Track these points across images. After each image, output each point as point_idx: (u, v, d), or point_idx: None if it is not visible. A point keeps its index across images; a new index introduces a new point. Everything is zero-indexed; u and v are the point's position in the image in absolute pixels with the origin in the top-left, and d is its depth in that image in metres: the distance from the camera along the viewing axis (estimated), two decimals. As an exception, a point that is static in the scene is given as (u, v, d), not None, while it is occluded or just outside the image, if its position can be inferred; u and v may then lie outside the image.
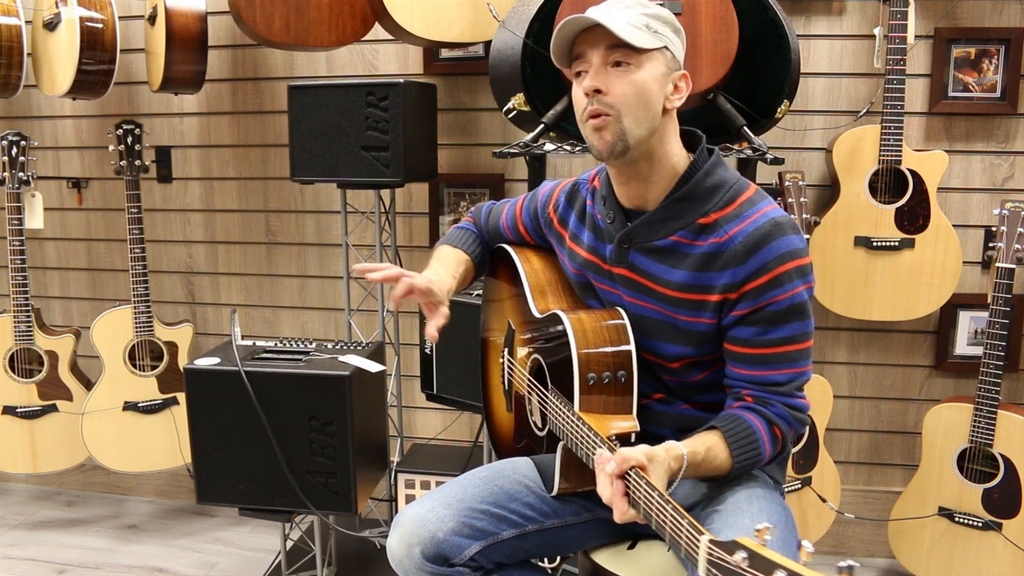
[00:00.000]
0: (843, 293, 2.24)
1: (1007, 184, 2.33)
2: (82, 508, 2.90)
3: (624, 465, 1.10)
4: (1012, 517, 2.09)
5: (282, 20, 2.22)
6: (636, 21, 1.26)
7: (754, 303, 1.27)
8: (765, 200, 1.31)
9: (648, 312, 1.36)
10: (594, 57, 1.28)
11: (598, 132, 1.28)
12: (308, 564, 2.29)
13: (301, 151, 2.24)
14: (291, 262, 2.78)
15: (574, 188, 1.51)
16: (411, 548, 1.35)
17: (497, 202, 1.70)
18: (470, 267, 1.65)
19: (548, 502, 1.43)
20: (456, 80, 2.56)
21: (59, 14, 2.32)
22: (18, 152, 2.50)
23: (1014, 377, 2.37)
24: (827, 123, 2.37)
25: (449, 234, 1.71)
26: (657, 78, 1.28)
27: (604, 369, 1.32)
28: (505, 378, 1.66)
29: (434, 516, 1.37)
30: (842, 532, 2.51)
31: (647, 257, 1.36)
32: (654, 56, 1.28)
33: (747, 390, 1.30)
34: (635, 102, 1.27)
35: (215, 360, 2.05)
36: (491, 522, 1.39)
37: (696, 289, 1.31)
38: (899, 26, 2.10)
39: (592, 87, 1.27)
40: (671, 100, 1.31)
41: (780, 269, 1.25)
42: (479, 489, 1.42)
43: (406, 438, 2.71)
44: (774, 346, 1.28)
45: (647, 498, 1.06)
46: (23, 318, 2.56)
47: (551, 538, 1.43)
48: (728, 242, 1.28)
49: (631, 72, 1.27)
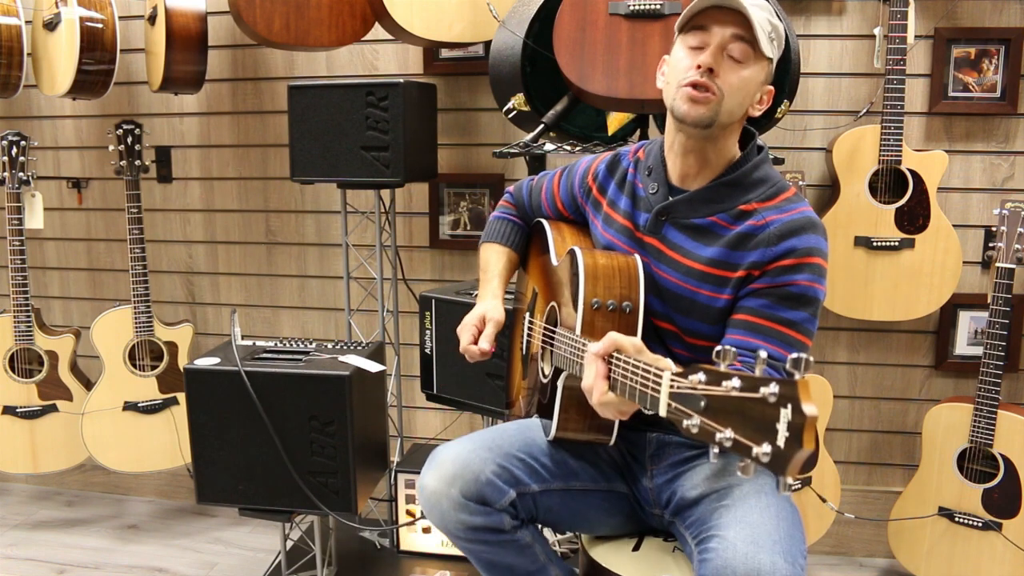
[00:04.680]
0: (843, 293, 2.24)
1: (1007, 184, 2.33)
2: (82, 508, 2.90)
3: (610, 345, 1.13)
4: (1012, 517, 2.09)
5: (282, 20, 2.22)
6: (766, 25, 1.30)
7: (773, 280, 1.31)
8: (804, 202, 1.38)
9: (670, 285, 1.39)
10: (717, 38, 1.30)
11: (695, 103, 1.31)
12: (308, 564, 2.29)
13: (301, 151, 2.24)
14: (291, 262, 2.78)
15: (615, 158, 1.54)
16: (451, 487, 1.36)
17: (534, 178, 1.72)
18: (516, 260, 1.71)
19: (569, 463, 1.44)
20: (456, 80, 2.56)
21: (59, 14, 2.32)
22: (18, 152, 2.50)
23: (1014, 377, 2.37)
24: (827, 123, 2.37)
25: (490, 227, 1.74)
26: (757, 82, 1.34)
27: (609, 296, 1.34)
28: (524, 343, 1.67)
29: (477, 457, 1.38)
30: (842, 532, 2.51)
31: (681, 232, 1.39)
32: (763, 63, 1.33)
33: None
34: (737, 94, 1.31)
35: (215, 360, 2.05)
36: (525, 472, 1.41)
37: (724, 266, 1.34)
38: (899, 26, 2.10)
39: (710, 64, 1.29)
40: (755, 108, 1.37)
41: (807, 259, 1.31)
42: (514, 438, 1.45)
43: (406, 438, 2.71)
44: (777, 323, 1.30)
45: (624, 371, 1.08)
46: (23, 318, 2.56)
47: (572, 501, 1.45)
48: (764, 226, 1.33)
49: (742, 68, 1.31)
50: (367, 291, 2.67)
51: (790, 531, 1.23)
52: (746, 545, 1.17)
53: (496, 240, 1.71)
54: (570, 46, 1.84)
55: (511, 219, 1.73)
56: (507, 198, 1.76)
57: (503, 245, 1.70)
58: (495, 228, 1.72)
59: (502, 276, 1.65)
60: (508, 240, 1.70)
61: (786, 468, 0.76)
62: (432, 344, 2.24)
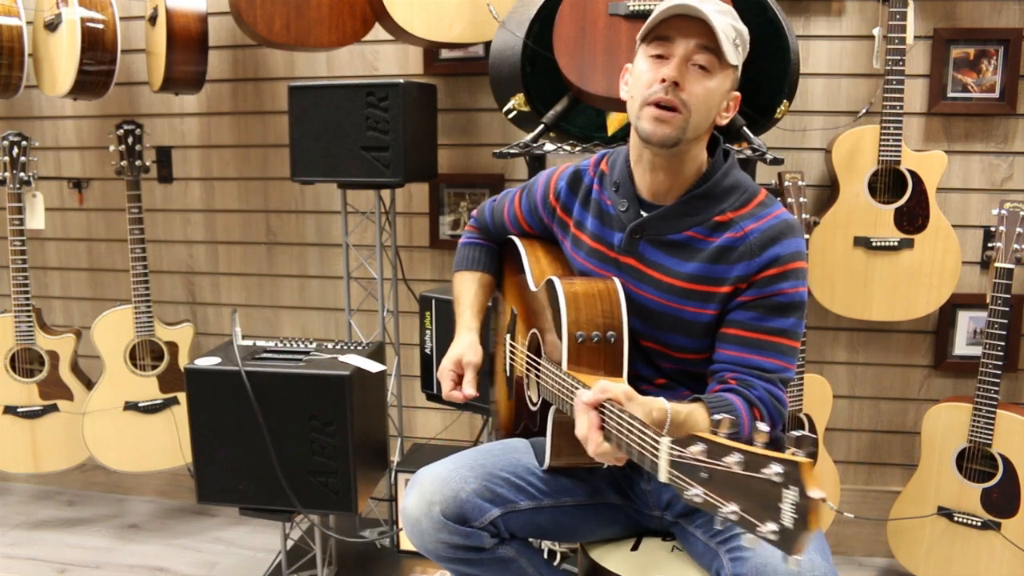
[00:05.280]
0: (843, 293, 2.24)
1: (1006, 184, 2.33)
2: (83, 508, 2.90)
3: (601, 395, 1.11)
4: (1011, 517, 2.09)
5: (282, 20, 2.23)
6: (730, 32, 1.27)
7: (761, 291, 1.30)
8: (776, 204, 1.37)
9: (652, 303, 1.37)
10: (681, 48, 1.27)
11: (660, 123, 1.28)
12: (308, 564, 2.30)
13: (301, 151, 2.25)
14: (291, 262, 2.78)
15: (575, 174, 1.51)
16: (431, 507, 1.35)
17: (496, 198, 1.70)
18: (489, 282, 1.69)
19: (559, 480, 1.43)
20: (456, 80, 2.56)
21: (60, 15, 2.32)
22: (19, 152, 2.51)
23: (1013, 377, 2.37)
24: (826, 123, 2.37)
25: (458, 255, 1.72)
26: (723, 92, 1.31)
27: (593, 328, 1.32)
28: (507, 364, 1.67)
29: (457, 476, 1.37)
30: (841, 532, 2.51)
31: (658, 249, 1.37)
32: (728, 71, 1.30)
33: (731, 373, 1.31)
34: (703, 107, 1.28)
35: (216, 360, 2.06)
36: (510, 490, 1.39)
37: (707, 281, 1.33)
38: (898, 27, 2.10)
39: (675, 78, 1.26)
40: (722, 116, 1.34)
41: (791, 265, 1.30)
42: (498, 458, 1.44)
43: (406, 438, 2.71)
44: (768, 334, 1.30)
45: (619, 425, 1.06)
46: (24, 318, 2.56)
47: (563, 517, 1.44)
48: (744, 237, 1.31)
49: (708, 79, 1.28)
50: (367, 291, 2.67)
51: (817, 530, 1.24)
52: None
53: (466, 267, 1.69)
54: (570, 46, 1.84)
55: (478, 243, 1.71)
56: (471, 223, 1.74)
57: (474, 270, 1.68)
58: (463, 255, 1.71)
59: (473, 307, 1.63)
60: (479, 264, 1.69)
61: (793, 548, 0.77)
62: (432, 344, 2.25)
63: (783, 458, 0.78)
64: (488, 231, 1.71)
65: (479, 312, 1.64)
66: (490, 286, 1.70)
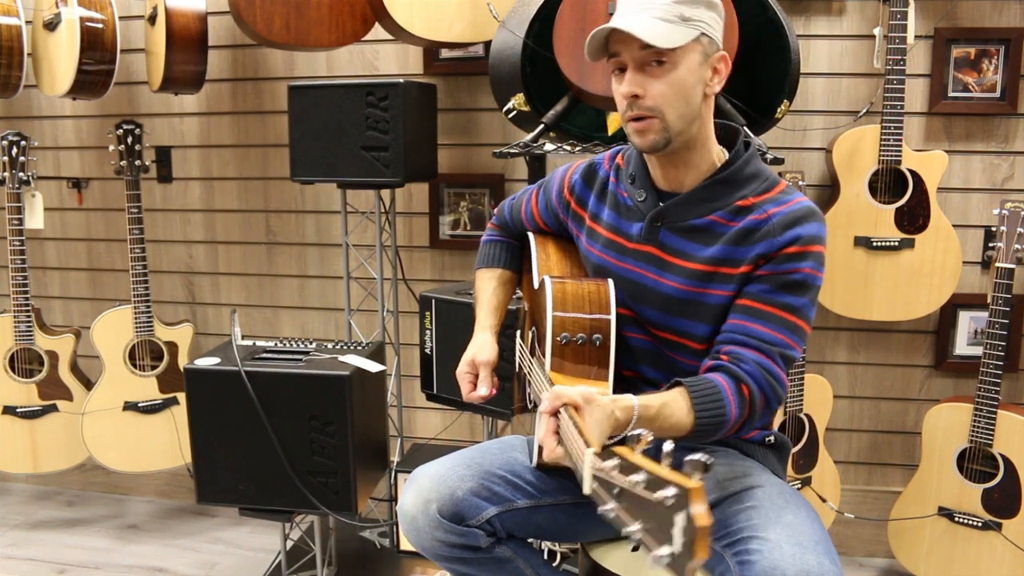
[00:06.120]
0: (843, 293, 2.24)
1: (1007, 184, 2.33)
2: (82, 508, 2.90)
3: (556, 402, 1.09)
4: (1012, 517, 2.09)
5: (282, 20, 2.23)
6: (666, 14, 1.23)
7: (776, 268, 1.29)
8: (798, 192, 1.36)
9: (673, 291, 1.36)
10: (628, 58, 1.27)
11: (641, 134, 1.29)
12: (308, 564, 2.29)
13: (301, 151, 2.25)
14: (291, 262, 2.78)
15: (590, 168, 1.50)
16: (428, 504, 1.35)
17: (515, 196, 1.70)
18: (510, 277, 1.68)
19: (558, 479, 1.43)
20: (456, 80, 2.56)
21: (59, 14, 2.32)
22: (18, 152, 2.50)
23: (1014, 377, 2.37)
24: (827, 123, 2.37)
25: (480, 253, 1.71)
26: (694, 70, 1.27)
27: (579, 330, 1.31)
28: (517, 362, 1.67)
29: (454, 475, 1.37)
30: (842, 532, 2.51)
31: (678, 236, 1.36)
32: (689, 48, 1.26)
33: (728, 346, 1.29)
34: (675, 99, 1.27)
35: (215, 360, 2.05)
36: (508, 489, 1.39)
37: (728, 263, 1.32)
38: (899, 26, 2.10)
39: (630, 92, 1.27)
40: (710, 86, 1.31)
41: (811, 247, 1.29)
42: (495, 456, 1.43)
43: (406, 438, 2.71)
44: (776, 308, 1.29)
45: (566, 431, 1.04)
46: (23, 318, 2.56)
47: (562, 516, 1.43)
48: (767, 219, 1.30)
49: (668, 70, 1.25)
50: (367, 291, 2.67)
51: (823, 532, 1.23)
52: (791, 546, 1.16)
53: (485, 265, 1.69)
54: (570, 46, 1.84)
55: (499, 239, 1.71)
56: (494, 220, 1.74)
57: (493, 267, 1.68)
58: (484, 252, 1.71)
59: (490, 303, 1.62)
60: (498, 260, 1.68)
61: (683, 574, 0.73)
62: (432, 344, 2.25)
63: (677, 482, 0.75)
64: (508, 228, 1.71)
65: (495, 310, 1.62)
66: (511, 282, 1.69)
